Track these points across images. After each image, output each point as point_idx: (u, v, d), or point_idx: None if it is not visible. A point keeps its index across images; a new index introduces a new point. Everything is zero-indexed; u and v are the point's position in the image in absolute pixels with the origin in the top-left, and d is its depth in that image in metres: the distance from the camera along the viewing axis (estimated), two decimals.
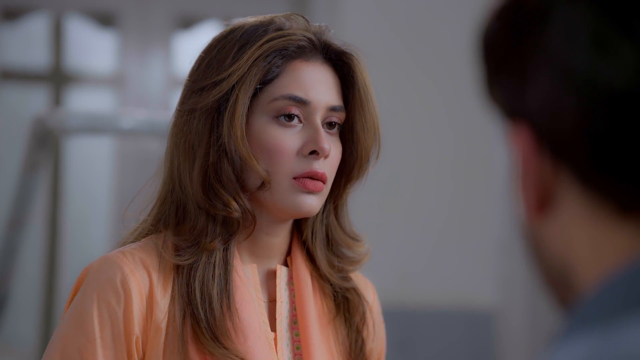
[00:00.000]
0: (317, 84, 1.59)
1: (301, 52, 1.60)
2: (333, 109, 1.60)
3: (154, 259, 1.57)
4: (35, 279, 4.37)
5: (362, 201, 3.98)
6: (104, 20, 4.48)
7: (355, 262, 1.69)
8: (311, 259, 1.67)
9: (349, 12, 4.18)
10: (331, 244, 1.68)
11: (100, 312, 1.53)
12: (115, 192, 4.40)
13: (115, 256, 1.56)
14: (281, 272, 1.64)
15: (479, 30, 0.87)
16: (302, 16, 1.64)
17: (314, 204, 1.58)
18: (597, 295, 0.79)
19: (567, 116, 0.80)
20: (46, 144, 3.01)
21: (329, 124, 1.61)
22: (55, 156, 4.40)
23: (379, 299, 1.77)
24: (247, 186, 1.58)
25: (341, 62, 1.63)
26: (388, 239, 4.14)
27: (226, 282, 1.57)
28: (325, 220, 1.67)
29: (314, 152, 1.57)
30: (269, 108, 1.58)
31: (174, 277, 1.57)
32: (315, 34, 1.62)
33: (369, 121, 1.63)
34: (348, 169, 1.65)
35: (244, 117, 1.56)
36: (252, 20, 1.62)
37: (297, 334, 1.63)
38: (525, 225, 0.86)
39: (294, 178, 1.57)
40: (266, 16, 1.62)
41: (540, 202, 0.83)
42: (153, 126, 3.03)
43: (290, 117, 1.58)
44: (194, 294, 1.55)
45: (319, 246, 1.66)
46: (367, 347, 1.71)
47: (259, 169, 1.56)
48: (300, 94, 1.58)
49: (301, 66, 1.59)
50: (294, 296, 1.65)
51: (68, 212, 4.44)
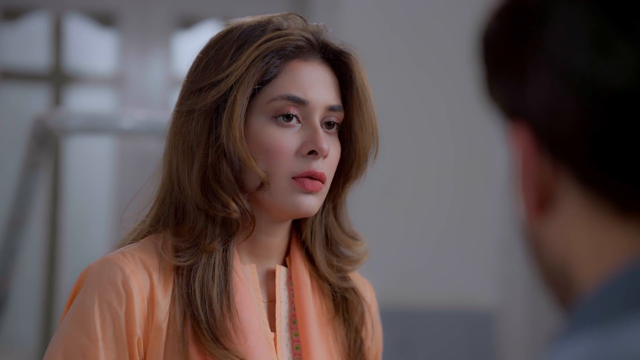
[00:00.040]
0: (315, 84, 1.59)
1: (299, 52, 1.59)
2: (331, 109, 1.60)
3: (154, 259, 1.57)
4: (35, 279, 4.37)
5: (362, 201, 3.98)
6: (104, 20, 4.48)
7: (354, 262, 1.69)
8: (310, 259, 1.67)
9: (349, 12, 4.18)
10: (330, 244, 1.67)
11: (102, 313, 1.53)
12: (115, 192, 4.40)
13: (116, 257, 1.56)
14: (280, 272, 1.64)
15: (479, 30, 0.87)
16: (299, 16, 1.64)
17: (312, 204, 1.58)
18: (597, 295, 0.79)
19: (567, 116, 0.80)
20: (46, 144, 3.01)
21: (327, 124, 1.61)
22: (55, 156, 4.40)
23: (378, 299, 1.77)
24: (246, 187, 1.58)
25: (339, 62, 1.63)
26: (388, 238, 4.14)
27: (226, 283, 1.57)
28: (324, 220, 1.67)
29: (312, 152, 1.57)
30: (268, 108, 1.57)
31: (174, 277, 1.57)
32: (313, 33, 1.62)
33: (367, 120, 1.63)
34: (346, 168, 1.65)
35: (242, 117, 1.56)
36: (249, 20, 1.61)
37: (296, 334, 1.63)
38: (525, 225, 0.86)
39: (293, 178, 1.57)
40: (264, 16, 1.62)
41: (540, 202, 0.83)
42: (153, 126, 3.03)
43: (288, 117, 1.58)
44: (194, 295, 1.55)
45: (318, 246, 1.66)
46: (366, 346, 1.71)
47: (258, 169, 1.56)
48: (298, 94, 1.58)
49: (299, 66, 1.59)
50: (292, 296, 1.65)
51: (68, 212, 4.44)
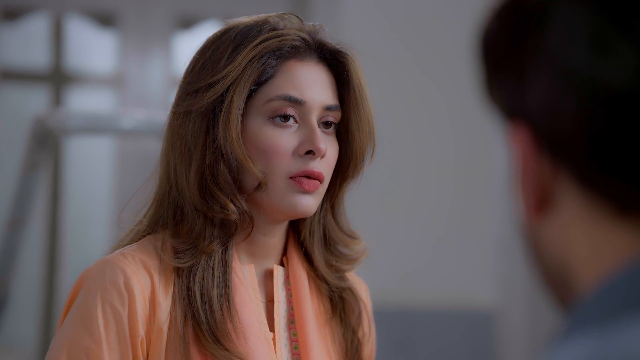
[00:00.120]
0: (312, 84, 1.59)
1: (295, 52, 1.59)
2: (329, 108, 1.60)
3: (154, 260, 1.56)
4: (35, 279, 4.37)
5: (363, 201, 3.99)
6: (104, 20, 4.48)
7: (353, 260, 1.69)
8: (308, 258, 1.67)
9: (349, 12, 4.18)
10: (329, 243, 1.67)
11: (104, 314, 1.52)
12: (115, 192, 4.40)
13: (117, 258, 1.55)
14: (278, 272, 1.64)
15: (478, 30, 0.87)
16: (296, 15, 1.64)
17: (310, 204, 1.58)
18: (596, 296, 0.79)
19: (567, 116, 0.79)
20: (46, 144, 3.01)
21: (325, 124, 1.60)
22: (55, 156, 4.40)
23: (378, 299, 1.77)
24: (244, 187, 1.58)
25: (336, 61, 1.62)
26: (388, 238, 4.14)
27: (225, 284, 1.57)
28: (322, 219, 1.67)
29: (310, 152, 1.57)
30: (264, 109, 1.57)
31: (174, 278, 1.57)
32: (310, 33, 1.61)
33: (363, 120, 1.62)
34: (344, 168, 1.64)
35: (239, 118, 1.56)
36: (246, 20, 1.61)
37: (294, 334, 1.63)
38: (524, 225, 0.86)
39: (290, 178, 1.56)
40: (260, 16, 1.62)
41: (540, 202, 0.83)
42: (153, 126, 3.02)
43: (285, 117, 1.57)
44: (194, 296, 1.55)
45: (316, 246, 1.66)
46: (363, 347, 1.71)
47: (255, 170, 1.55)
48: (295, 94, 1.57)
49: (296, 66, 1.59)
50: (290, 296, 1.64)
51: (68, 212, 4.44)
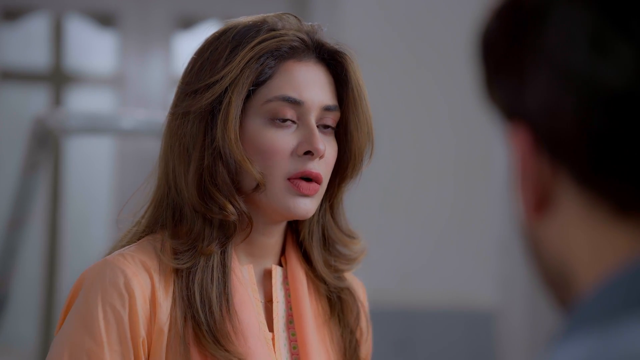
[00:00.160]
0: (310, 84, 1.58)
1: (294, 53, 1.59)
2: (327, 109, 1.60)
3: (154, 261, 1.56)
4: (35, 279, 4.37)
5: (363, 201, 3.99)
6: (104, 20, 4.48)
7: (351, 260, 1.69)
8: (306, 258, 1.67)
9: (349, 12, 4.18)
10: (328, 243, 1.67)
11: (105, 315, 1.52)
12: (115, 192, 4.40)
13: (116, 259, 1.55)
14: (276, 272, 1.64)
15: (478, 30, 0.87)
16: (294, 15, 1.63)
17: (308, 207, 1.57)
18: (596, 296, 0.79)
19: (566, 116, 0.79)
20: (46, 144, 3.01)
21: (323, 126, 1.60)
22: (55, 156, 4.40)
23: (378, 299, 1.77)
24: (243, 188, 1.57)
25: (334, 61, 1.62)
26: (388, 238, 4.14)
27: (224, 285, 1.57)
28: (321, 219, 1.66)
29: (308, 153, 1.57)
30: (263, 110, 1.57)
31: (174, 279, 1.56)
32: (308, 33, 1.61)
33: (362, 120, 1.62)
34: (342, 168, 1.64)
35: (237, 119, 1.56)
36: (244, 20, 1.61)
37: (293, 334, 1.63)
38: (524, 225, 0.86)
39: (288, 179, 1.56)
40: (258, 16, 1.61)
41: (539, 203, 0.83)
42: (153, 126, 3.02)
43: (284, 118, 1.57)
44: (193, 297, 1.55)
45: (315, 246, 1.66)
46: (361, 347, 1.70)
47: (253, 171, 1.55)
48: (293, 95, 1.57)
49: (294, 66, 1.58)
50: (289, 296, 1.64)
51: (68, 212, 4.44)
